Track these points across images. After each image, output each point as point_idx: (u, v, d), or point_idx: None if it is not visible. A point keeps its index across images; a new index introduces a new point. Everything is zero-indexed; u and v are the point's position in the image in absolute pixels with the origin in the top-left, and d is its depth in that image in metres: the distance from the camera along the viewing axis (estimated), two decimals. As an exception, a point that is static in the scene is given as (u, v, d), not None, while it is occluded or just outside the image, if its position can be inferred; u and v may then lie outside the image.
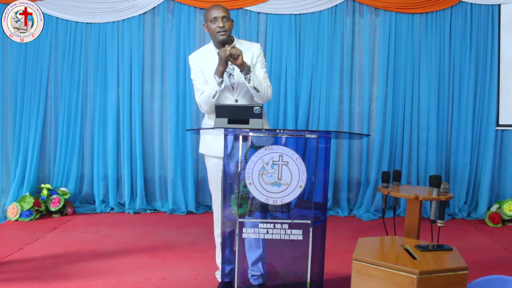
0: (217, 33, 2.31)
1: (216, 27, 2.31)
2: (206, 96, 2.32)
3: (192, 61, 2.42)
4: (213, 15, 2.31)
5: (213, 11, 2.32)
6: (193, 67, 2.41)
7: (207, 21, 2.36)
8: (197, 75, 2.40)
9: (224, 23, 2.30)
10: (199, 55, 2.43)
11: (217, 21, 2.30)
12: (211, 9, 2.34)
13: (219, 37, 2.32)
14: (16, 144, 4.51)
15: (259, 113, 2.07)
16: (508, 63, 4.42)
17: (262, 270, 2.38)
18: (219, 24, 2.29)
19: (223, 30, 2.30)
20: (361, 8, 4.52)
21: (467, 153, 4.45)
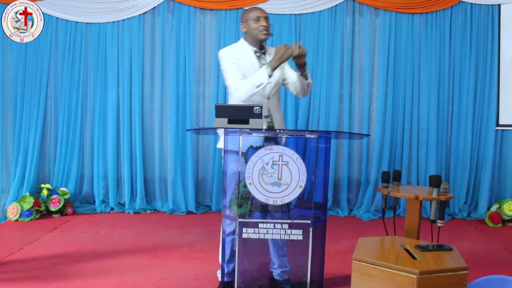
0: (260, 32, 2.39)
1: (259, 26, 2.39)
2: (250, 83, 2.29)
3: (225, 53, 2.44)
4: (257, 15, 2.40)
5: (256, 11, 2.42)
6: (226, 58, 2.41)
7: (247, 20, 2.43)
8: (231, 65, 2.39)
9: (267, 23, 2.40)
10: (232, 50, 2.46)
11: (260, 21, 2.39)
12: (253, 9, 2.45)
13: (261, 36, 2.40)
14: (16, 144, 4.51)
15: (259, 113, 2.07)
16: (508, 63, 4.42)
17: (288, 265, 2.40)
18: (263, 23, 2.39)
19: (266, 30, 2.39)
20: (361, 8, 4.52)
21: (467, 153, 4.45)
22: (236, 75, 2.36)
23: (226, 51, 2.45)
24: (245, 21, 2.45)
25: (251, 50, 2.44)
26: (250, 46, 2.45)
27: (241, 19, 2.49)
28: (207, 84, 4.60)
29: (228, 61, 2.40)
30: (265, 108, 2.37)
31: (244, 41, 2.48)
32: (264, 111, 2.36)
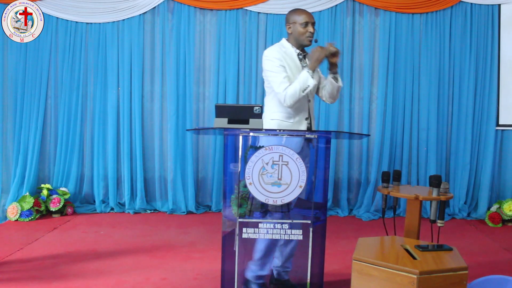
0: (306, 37, 2.41)
1: (306, 32, 2.40)
2: (297, 89, 2.30)
3: (272, 54, 2.39)
4: (305, 20, 2.39)
5: (305, 16, 2.41)
6: (275, 60, 2.37)
7: (295, 22, 2.42)
8: (278, 68, 2.36)
9: (314, 29, 2.41)
10: (278, 51, 2.42)
11: (308, 26, 2.40)
12: (302, 13, 2.43)
13: (306, 41, 2.42)
14: (16, 144, 4.51)
15: (259, 113, 2.07)
16: (508, 63, 4.42)
17: (291, 266, 2.41)
18: (310, 30, 2.40)
19: (311, 36, 2.41)
20: (361, 8, 4.52)
21: (467, 153, 4.45)
22: (284, 82, 2.32)
23: (273, 52, 2.40)
24: (292, 23, 2.43)
25: (295, 52, 2.44)
26: (294, 48, 2.45)
27: (288, 20, 2.46)
28: (207, 84, 4.61)
29: (276, 63, 2.36)
30: (306, 111, 2.42)
31: (287, 42, 2.47)
32: (305, 114, 2.42)
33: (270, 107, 2.44)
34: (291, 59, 2.41)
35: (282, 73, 2.34)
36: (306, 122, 2.43)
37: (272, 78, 2.37)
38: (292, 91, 2.30)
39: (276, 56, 2.37)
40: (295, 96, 2.30)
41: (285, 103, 2.33)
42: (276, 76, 2.35)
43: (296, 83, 2.30)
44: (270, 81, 2.39)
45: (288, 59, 2.40)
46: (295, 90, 2.29)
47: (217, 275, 2.60)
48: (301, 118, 2.42)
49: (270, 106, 2.44)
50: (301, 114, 2.42)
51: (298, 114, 2.41)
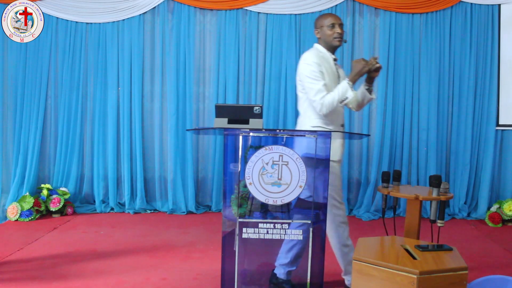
0: (334, 39, 2.41)
1: (334, 33, 2.40)
2: (335, 100, 2.29)
3: (311, 58, 2.36)
4: (331, 21, 2.41)
5: (331, 18, 2.42)
6: (314, 65, 2.33)
7: (322, 26, 2.44)
8: (317, 74, 2.33)
9: (342, 30, 2.42)
10: (317, 55, 2.40)
11: (335, 27, 2.40)
12: (328, 15, 2.45)
13: (335, 42, 2.42)
14: (16, 144, 4.51)
15: (259, 113, 2.07)
16: (508, 63, 4.42)
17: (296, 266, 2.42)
18: (338, 30, 2.40)
19: (340, 36, 2.41)
20: (361, 8, 4.52)
21: (467, 153, 4.45)
22: (321, 91, 2.30)
23: (313, 57, 2.36)
24: (320, 27, 2.45)
25: (330, 56, 2.45)
26: (329, 53, 2.45)
27: (315, 25, 2.49)
28: (207, 84, 4.61)
29: (315, 69, 2.33)
30: (341, 117, 2.49)
31: (321, 46, 2.47)
32: (341, 120, 2.48)
33: (309, 114, 2.41)
34: (328, 63, 2.41)
35: (321, 81, 2.31)
36: (342, 129, 2.48)
37: (309, 85, 2.33)
38: (330, 101, 2.29)
39: (315, 61, 2.34)
40: (332, 106, 2.30)
41: (320, 112, 2.33)
42: (314, 83, 2.32)
43: (335, 93, 2.29)
44: (306, 87, 2.35)
45: (326, 64, 2.40)
46: (333, 100, 2.29)
47: (217, 275, 2.60)
48: (337, 124, 2.45)
49: (309, 114, 2.41)
50: (337, 121, 2.45)
51: (335, 121, 2.44)
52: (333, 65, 2.45)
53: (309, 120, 2.42)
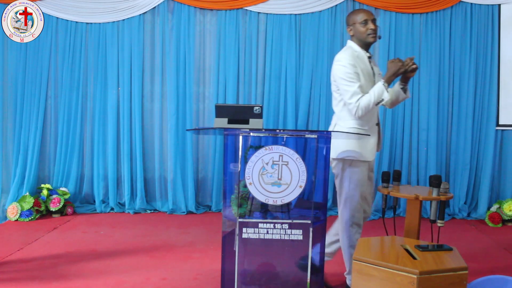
0: (368, 35, 2.35)
1: (367, 29, 2.35)
2: (371, 102, 2.27)
3: (346, 59, 2.32)
4: (364, 18, 2.35)
5: (363, 14, 2.37)
6: (349, 67, 2.29)
7: (354, 23, 2.39)
8: (353, 76, 2.29)
9: (375, 26, 2.36)
10: (351, 55, 2.35)
11: (368, 24, 2.35)
12: (360, 12, 2.39)
13: (369, 39, 2.36)
14: (16, 144, 4.51)
15: (259, 113, 2.07)
16: (508, 63, 4.42)
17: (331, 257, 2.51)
18: (371, 27, 2.35)
19: (374, 32, 2.35)
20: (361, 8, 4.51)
21: (467, 153, 4.45)
22: (357, 93, 2.27)
23: (348, 58, 2.32)
24: (352, 24, 2.40)
25: (365, 55, 2.40)
26: (364, 51, 2.41)
27: (347, 22, 2.44)
28: (207, 84, 4.61)
29: (350, 70, 2.29)
30: (376, 117, 2.47)
31: (355, 44, 2.42)
32: (376, 120, 2.46)
33: (344, 115, 2.39)
34: (363, 62, 2.37)
35: (356, 83, 2.28)
36: (377, 128, 2.46)
37: (345, 87, 2.30)
38: (365, 103, 2.26)
39: (350, 62, 2.30)
40: (368, 109, 2.28)
41: (356, 114, 2.31)
42: (349, 85, 2.28)
43: (371, 95, 2.26)
44: (341, 89, 2.32)
45: (360, 63, 2.35)
46: (369, 103, 2.26)
47: (217, 275, 2.60)
48: (373, 124, 2.44)
49: (344, 115, 2.39)
50: (372, 121, 2.43)
51: (371, 121, 2.42)
52: (368, 64, 2.40)
53: (344, 122, 2.40)
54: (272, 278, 2.43)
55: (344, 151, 2.39)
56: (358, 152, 2.37)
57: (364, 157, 2.37)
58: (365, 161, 2.39)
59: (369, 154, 2.38)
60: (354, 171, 2.39)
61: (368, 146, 2.35)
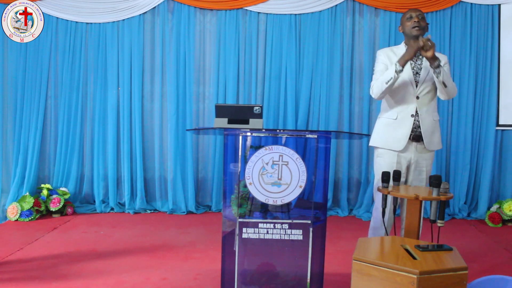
0: (412, 28, 2.45)
1: (412, 23, 2.46)
2: (380, 81, 2.43)
3: (378, 55, 2.59)
4: (410, 14, 2.49)
5: (410, 11, 2.51)
6: (378, 57, 2.57)
7: (403, 22, 2.53)
8: (379, 65, 2.53)
9: (419, 20, 2.45)
10: (389, 51, 2.57)
11: (412, 19, 2.46)
12: (409, 11, 2.53)
13: (413, 32, 2.45)
14: (16, 144, 4.51)
15: (259, 113, 2.07)
16: (508, 63, 4.42)
17: None
18: (415, 20, 2.45)
19: (418, 25, 2.43)
20: (361, 8, 4.52)
21: (467, 153, 4.45)
22: (377, 75, 2.50)
23: (381, 51, 2.59)
24: (402, 24, 2.55)
25: (402, 49, 2.51)
26: (402, 47, 2.54)
27: (401, 24, 2.60)
28: (207, 84, 4.61)
29: (379, 60, 2.55)
30: (413, 108, 2.45)
31: (403, 43, 2.58)
32: (411, 111, 2.45)
33: (381, 107, 2.59)
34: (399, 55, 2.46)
35: (380, 69, 2.50)
36: (412, 120, 2.45)
37: (373, 75, 2.54)
38: (377, 83, 2.44)
39: (381, 53, 2.57)
40: (380, 89, 2.42)
41: (373, 95, 2.49)
42: (375, 72, 2.55)
43: (384, 74, 2.42)
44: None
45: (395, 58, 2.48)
46: (380, 82, 2.42)
47: (217, 275, 2.60)
48: (406, 115, 2.46)
49: (381, 106, 2.59)
50: (406, 111, 2.46)
51: (403, 111, 2.46)
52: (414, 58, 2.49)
53: (380, 113, 2.60)
54: (272, 278, 2.43)
55: (374, 139, 2.56)
56: (383, 140, 2.49)
57: (389, 146, 2.46)
58: (392, 150, 2.46)
59: (397, 144, 2.44)
60: (378, 160, 2.54)
61: (397, 136, 2.43)
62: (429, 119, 2.48)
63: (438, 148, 2.54)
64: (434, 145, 2.50)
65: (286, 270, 2.44)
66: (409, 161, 2.51)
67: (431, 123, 2.47)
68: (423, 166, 2.50)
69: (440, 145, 2.55)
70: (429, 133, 2.47)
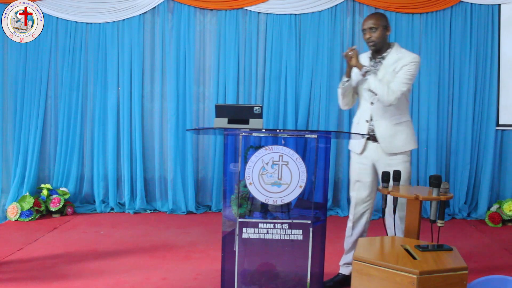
0: (367, 44, 2.51)
1: (365, 39, 2.50)
2: (338, 93, 2.62)
3: None
4: (363, 27, 2.50)
5: (363, 22, 2.50)
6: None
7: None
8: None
9: (370, 34, 2.47)
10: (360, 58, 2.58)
11: (365, 33, 2.49)
12: (364, 20, 2.53)
13: (369, 47, 2.52)
14: (16, 144, 4.51)
15: (259, 113, 2.07)
16: (508, 63, 4.42)
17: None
18: (366, 36, 2.48)
19: (369, 41, 2.48)
20: (361, 8, 4.51)
21: (467, 153, 4.45)
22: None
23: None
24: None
25: (367, 56, 2.58)
26: (368, 52, 2.59)
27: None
28: (207, 84, 4.61)
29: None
30: (367, 114, 2.54)
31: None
32: (366, 116, 2.55)
33: None
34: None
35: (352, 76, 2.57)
36: (367, 125, 2.53)
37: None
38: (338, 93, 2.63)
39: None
40: (339, 96, 2.62)
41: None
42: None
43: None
44: None
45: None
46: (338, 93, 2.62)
47: (217, 275, 2.60)
48: (362, 120, 2.57)
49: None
50: (362, 117, 2.58)
51: (360, 117, 2.60)
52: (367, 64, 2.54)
53: None
54: (272, 278, 2.44)
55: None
56: (351, 143, 2.66)
57: (353, 148, 2.63)
58: (355, 153, 2.62)
59: (357, 146, 2.58)
60: (350, 161, 2.70)
61: (356, 139, 2.58)
62: (385, 123, 2.48)
63: (403, 150, 2.49)
64: (395, 148, 2.48)
65: (286, 270, 2.44)
66: (373, 160, 2.55)
67: (389, 127, 2.48)
68: (392, 165, 2.50)
69: (408, 147, 2.51)
70: (387, 136, 2.48)
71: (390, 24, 2.55)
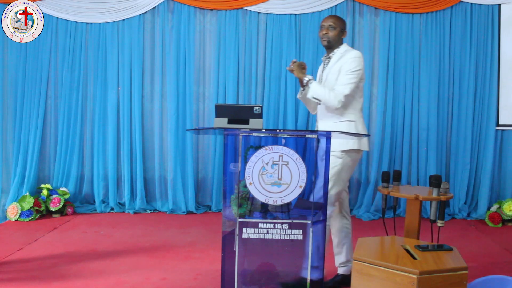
0: (321, 39, 2.57)
1: (321, 33, 2.55)
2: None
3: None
4: (322, 23, 2.57)
5: (324, 19, 2.57)
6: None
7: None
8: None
9: (327, 31, 2.52)
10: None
11: (322, 29, 2.54)
12: (325, 18, 2.59)
13: (322, 42, 2.57)
14: (16, 144, 4.51)
15: (259, 113, 2.07)
16: (508, 63, 4.42)
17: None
18: (323, 31, 2.54)
19: (325, 37, 2.53)
20: (361, 8, 4.52)
21: (467, 153, 4.45)
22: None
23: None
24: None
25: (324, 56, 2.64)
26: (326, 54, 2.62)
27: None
28: (207, 84, 4.61)
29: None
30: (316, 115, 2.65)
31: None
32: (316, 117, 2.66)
33: None
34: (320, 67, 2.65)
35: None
36: (317, 124, 2.65)
37: None
38: None
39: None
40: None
41: None
42: None
43: None
44: None
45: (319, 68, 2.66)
46: None
47: (217, 275, 2.60)
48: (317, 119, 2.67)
49: None
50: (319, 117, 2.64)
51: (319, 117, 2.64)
52: (323, 65, 2.62)
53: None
54: (272, 278, 2.43)
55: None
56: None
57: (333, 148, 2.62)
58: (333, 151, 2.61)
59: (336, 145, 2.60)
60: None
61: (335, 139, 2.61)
62: (326, 122, 2.54)
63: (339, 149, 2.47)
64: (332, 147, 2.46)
65: (286, 270, 2.44)
66: None
67: (328, 125, 2.52)
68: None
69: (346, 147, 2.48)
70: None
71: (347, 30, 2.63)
